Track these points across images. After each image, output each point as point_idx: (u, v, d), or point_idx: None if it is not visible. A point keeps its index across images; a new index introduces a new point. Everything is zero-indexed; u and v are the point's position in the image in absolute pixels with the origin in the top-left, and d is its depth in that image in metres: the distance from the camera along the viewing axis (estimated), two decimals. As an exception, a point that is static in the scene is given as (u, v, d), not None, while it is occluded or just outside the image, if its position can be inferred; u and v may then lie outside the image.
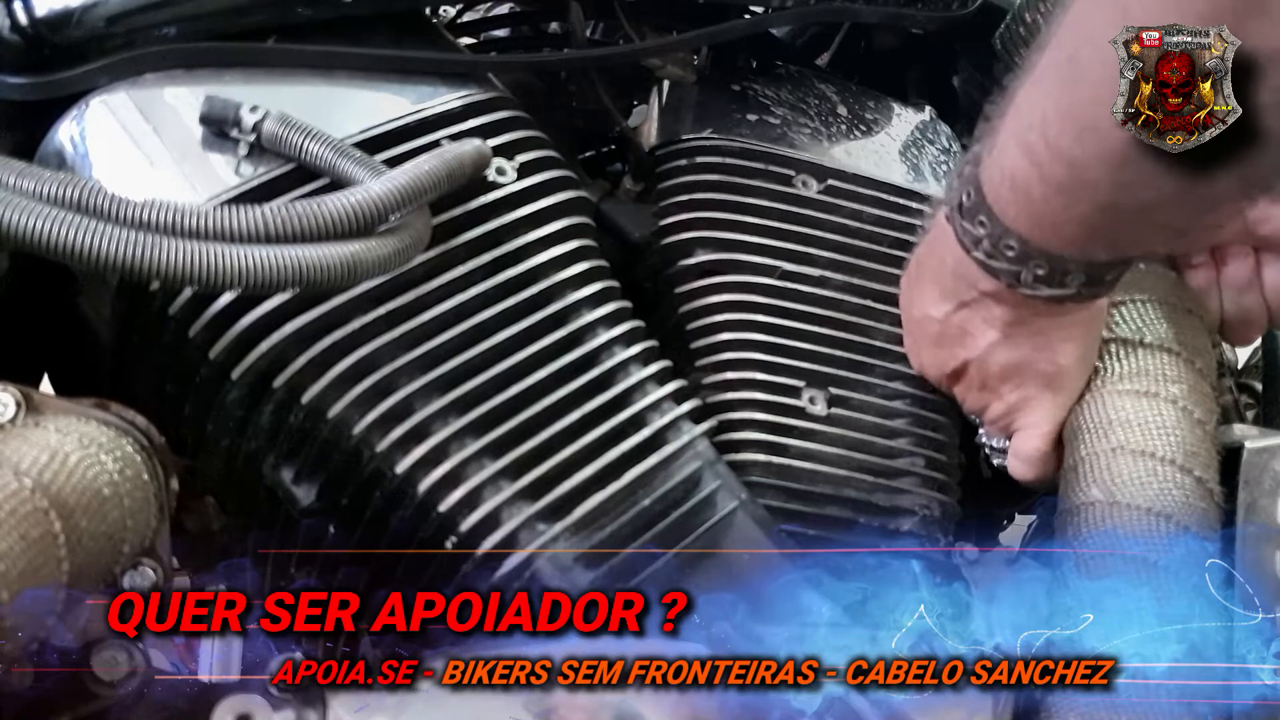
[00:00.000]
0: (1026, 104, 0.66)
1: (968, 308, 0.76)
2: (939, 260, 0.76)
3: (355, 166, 0.69)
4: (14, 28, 0.69)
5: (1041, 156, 0.64)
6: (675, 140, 0.91)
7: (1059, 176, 0.64)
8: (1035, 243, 0.68)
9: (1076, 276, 0.69)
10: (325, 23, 0.78)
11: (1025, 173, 0.66)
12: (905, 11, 1.00)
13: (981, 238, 0.70)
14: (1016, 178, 0.67)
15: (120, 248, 0.58)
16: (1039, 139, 0.64)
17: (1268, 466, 0.71)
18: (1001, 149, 0.67)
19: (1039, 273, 0.69)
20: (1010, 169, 0.67)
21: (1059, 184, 0.64)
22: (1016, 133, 0.66)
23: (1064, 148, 0.63)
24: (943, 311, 0.77)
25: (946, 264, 0.75)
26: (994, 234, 0.70)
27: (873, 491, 0.82)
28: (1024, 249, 0.69)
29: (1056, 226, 0.67)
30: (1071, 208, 0.65)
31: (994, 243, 0.70)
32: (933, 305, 0.78)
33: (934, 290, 0.77)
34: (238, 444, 0.72)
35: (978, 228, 0.70)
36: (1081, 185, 0.64)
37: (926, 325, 0.79)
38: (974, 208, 0.70)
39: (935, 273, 0.77)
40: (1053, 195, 0.65)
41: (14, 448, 0.55)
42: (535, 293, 0.76)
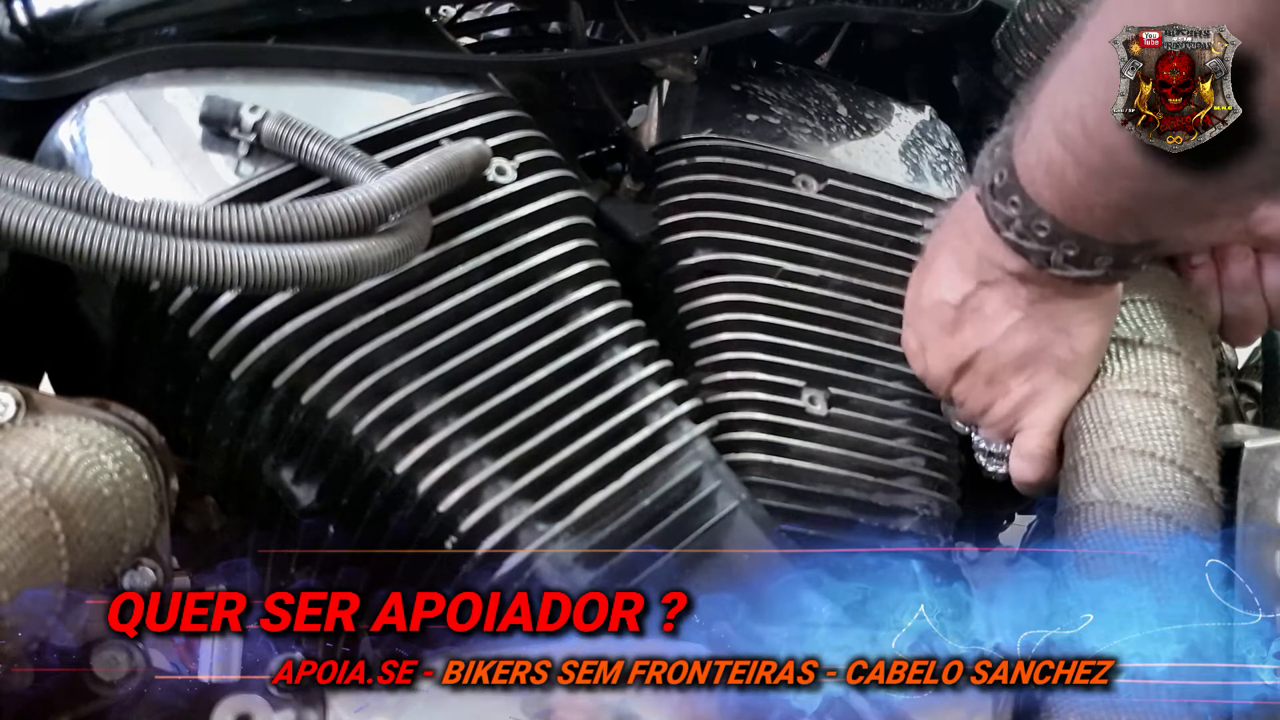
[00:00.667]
0: (1063, 92, 0.66)
1: (989, 288, 0.76)
2: (964, 240, 0.76)
3: (355, 166, 0.69)
4: (14, 28, 0.69)
5: (1078, 144, 0.65)
6: (675, 140, 0.91)
7: (1095, 163, 0.65)
8: (1068, 225, 0.69)
9: (1106, 258, 0.70)
10: (325, 23, 0.78)
11: (1061, 158, 0.67)
12: (905, 11, 1.00)
13: (1014, 218, 0.71)
14: (1053, 162, 0.67)
15: (120, 248, 0.58)
16: (1076, 126, 0.65)
17: (1268, 466, 0.71)
18: (1037, 134, 0.68)
19: (1069, 254, 0.70)
20: (1046, 153, 0.68)
21: (1095, 170, 0.65)
22: (1053, 119, 0.67)
23: (1103, 137, 0.63)
24: (960, 294, 0.77)
25: (973, 243, 0.75)
26: (1026, 215, 0.70)
27: (873, 491, 0.82)
28: (1056, 230, 0.70)
29: (1090, 209, 0.68)
30: (1106, 193, 0.66)
31: (1026, 223, 0.70)
32: (949, 288, 0.77)
33: (954, 271, 0.77)
34: (238, 444, 0.72)
35: (1010, 208, 0.71)
36: (1117, 172, 0.64)
37: (939, 312, 0.79)
38: (1006, 188, 0.71)
39: (958, 253, 0.77)
40: (1088, 180, 0.66)
41: (14, 448, 0.55)
42: (535, 293, 0.76)
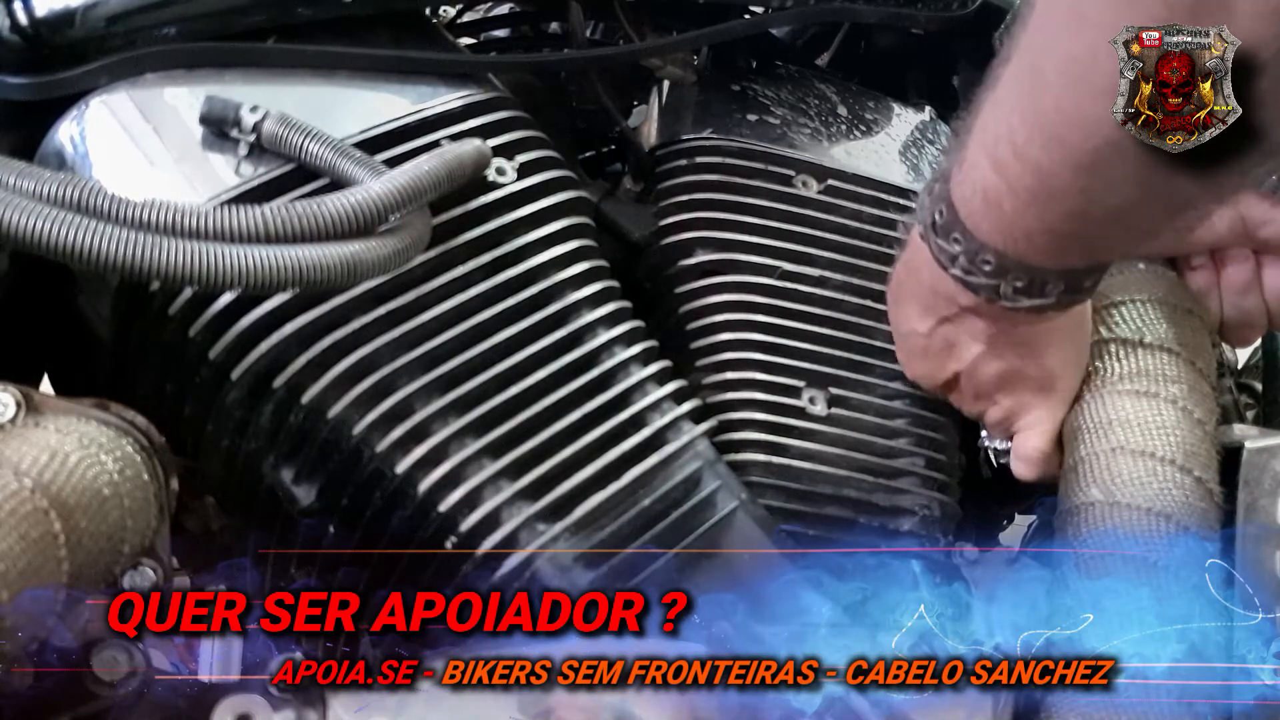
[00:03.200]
0: (992, 117, 0.65)
1: (950, 323, 0.75)
2: (916, 279, 0.75)
3: (355, 166, 0.69)
4: (14, 28, 0.69)
5: (1010, 168, 0.64)
6: (675, 140, 0.91)
7: (1029, 186, 0.63)
8: (1011, 255, 0.68)
9: (1056, 285, 0.69)
10: (325, 23, 0.78)
11: (995, 186, 0.65)
12: (905, 11, 1.00)
13: (957, 254, 0.69)
14: (988, 191, 0.66)
15: (120, 248, 0.58)
16: (1007, 150, 0.63)
17: (1268, 466, 0.71)
18: (971, 164, 0.67)
19: (1018, 285, 0.69)
20: (981, 183, 0.66)
21: (1030, 194, 0.64)
22: (984, 145, 0.65)
23: (1032, 157, 0.62)
24: (926, 326, 0.76)
25: (924, 281, 0.74)
26: (969, 250, 0.69)
27: (873, 491, 0.82)
28: (1000, 263, 0.68)
29: (1030, 237, 0.66)
30: (1043, 218, 0.64)
31: (970, 258, 0.69)
32: (916, 321, 0.77)
33: (915, 307, 0.77)
34: (238, 444, 0.72)
35: (953, 245, 0.69)
36: (1051, 194, 0.63)
37: (912, 340, 0.79)
38: (947, 225, 0.69)
39: (914, 291, 0.76)
40: (1024, 207, 0.64)
41: (14, 448, 0.55)
42: (535, 293, 0.76)
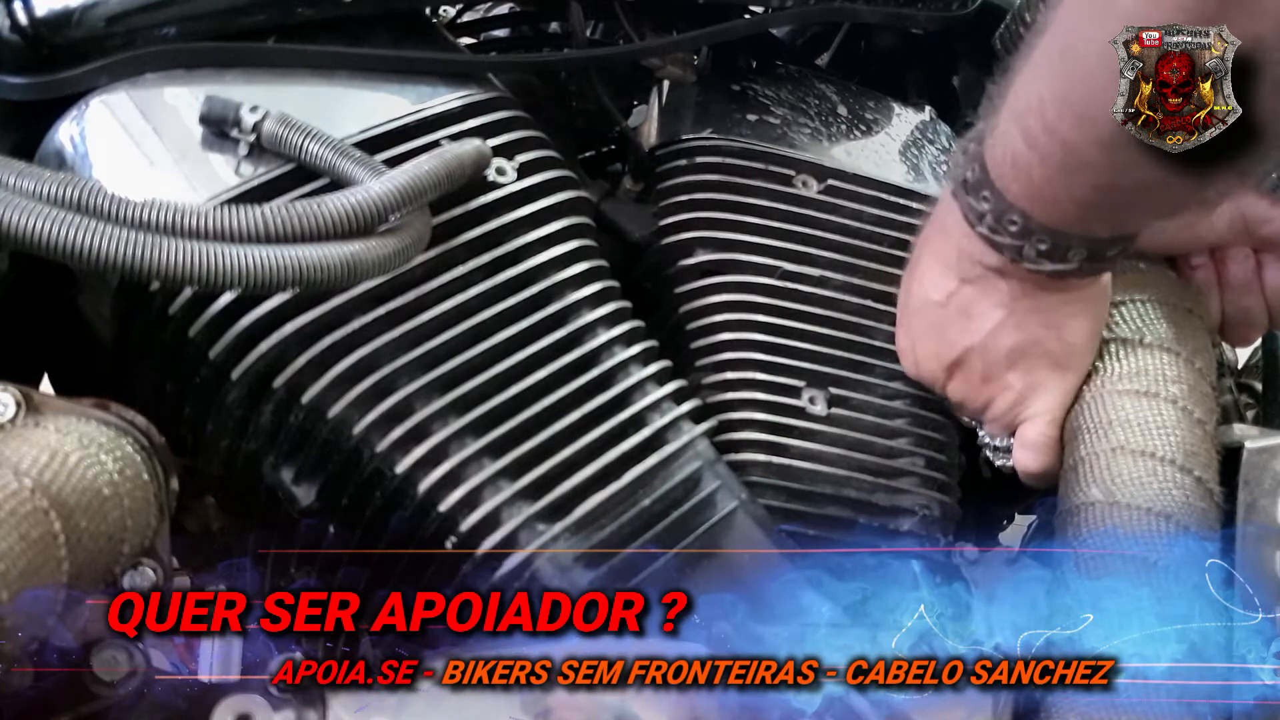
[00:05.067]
0: (1025, 89, 0.67)
1: (972, 285, 0.76)
2: (944, 236, 0.76)
3: (355, 166, 0.69)
4: (14, 28, 0.69)
5: (1040, 140, 0.66)
6: (675, 140, 0.92)
7: (1057, 159, 0.66)
8: (1036, 219, 0.70)
9: (1078, 251, 0.71)
10: (325, 23, 0.78)
11: (1025, 155, 0.67)
12: (905, 11, 1.00)
13: (985, 213, 0.71)
14: (1017, 158, 0.68)
15: (120, 248, 0.58)
16: (1037, 123, 0.66)
17: (1268, 466, 0.71)
18: (1003, 130, 0.69)
19: (1041, 248, 0.71)
20: (1011, 149, 0.69)
21: (1058, 166, 0.66)
22: (1016, 115, 0.68)
23: (1061, 132, 0.64)
24: (944, 291, 0.77)
25: (952, 239, 0.75)
26: (997, 209, 0.71)
27: (873, 491, 0.82)
28: (1026, 224, 0.70)
29: (1056, 204, 0.69)
30: (1070, 188, 0.67)
31: (997, 218, 0.71)
32: (934, 286, 0.78)
33: (937, 268, 0.78)
34: (238, 444, 0.72)
35: (982, 203, 0.71)
36: (1078, 168, 0.65)
37: (926, 312, 0.79)
38: (978, 183, 0.71)
39: (940, 249, 0.77)
40: (1052, 176, 0.67)
41: (14, 448, 0.55)
42: (535, 293, 0.76)
